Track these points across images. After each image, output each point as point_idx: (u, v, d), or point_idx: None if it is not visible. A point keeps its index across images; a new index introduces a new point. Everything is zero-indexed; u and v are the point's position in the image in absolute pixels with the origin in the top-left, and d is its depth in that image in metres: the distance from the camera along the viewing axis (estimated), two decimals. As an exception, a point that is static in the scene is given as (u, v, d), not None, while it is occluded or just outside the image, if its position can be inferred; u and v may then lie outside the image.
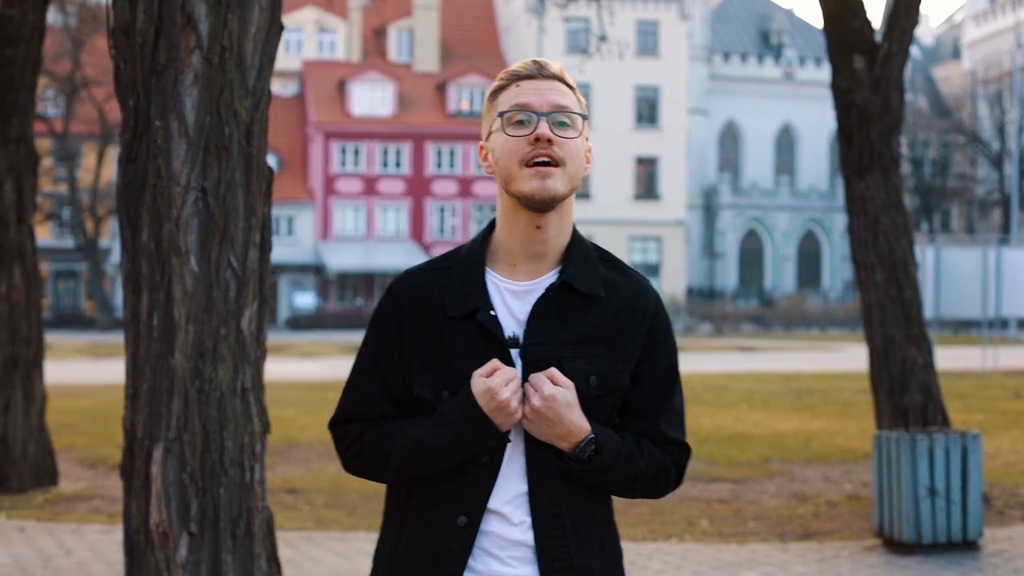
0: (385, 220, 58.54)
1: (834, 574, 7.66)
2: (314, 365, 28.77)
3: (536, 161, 2.33)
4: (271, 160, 50.67)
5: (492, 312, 2.36)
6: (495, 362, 2.31)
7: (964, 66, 75.16)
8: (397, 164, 58.46)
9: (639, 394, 2.42)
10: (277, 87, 56.68)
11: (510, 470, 2.35)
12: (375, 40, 63.27)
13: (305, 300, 56.92)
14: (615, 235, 58.27)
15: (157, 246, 4.40)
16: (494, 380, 2.29)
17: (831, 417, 16.58)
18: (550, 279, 2.39)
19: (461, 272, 2.41)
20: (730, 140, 70.91)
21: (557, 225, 2.39)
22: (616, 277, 2.43)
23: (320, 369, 27.10)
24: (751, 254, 68.68)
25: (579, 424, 2.31)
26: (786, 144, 71.40)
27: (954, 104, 70.86)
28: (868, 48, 10.01)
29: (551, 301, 2.36)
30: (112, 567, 7.67)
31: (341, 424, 2.49)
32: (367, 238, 58.27)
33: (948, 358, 27.58)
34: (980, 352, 28.23)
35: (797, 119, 70.45)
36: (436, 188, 58.84)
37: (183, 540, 4.35)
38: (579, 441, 2.32)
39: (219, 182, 4.44)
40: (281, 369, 25.23)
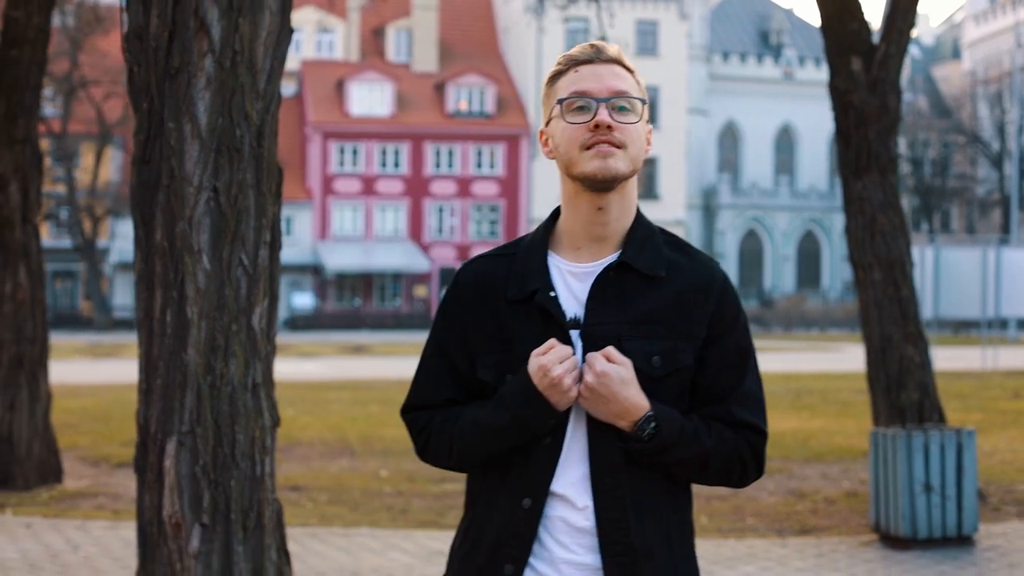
0: (383, 220, 58.48)
1: (831, 569, 7.76)
2: (313, 365, 28.85)
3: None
4: (271, 160, 50.53)
5: (552, 293, 2.35)
6: (552, 341, 2.30)
7: (964, 66, 75.15)
8: (395, 164, 58.42)
9: (708, 377, 2.38)
10: (277, 87, 56.60)
11: (572, 452, 2.33)
12: (374, 40, 63.20)
13: (303, 300, 56.68)
14: (614, 235, 58.21)
15: (170, 245, 4.51)
16: (547, 357, 2.27)
17: (830, 417, 16.67)
18: (611, 260, 2.37)
19: (524, 257, 2.41)
20: (729, 140, 70.90)
21: (619, 207, 2.39)
22: (680, 258, 2.40)
23: (319, 369, 27.18)
24: (750, 254, 68.73)
25: (636, 402, 2.29)
26: (786, 144, 71.37)
27: (954, 104, 70.82)
28: (865, 50, 10.10)
29: (611, 281, 2.35)
30: (119, 562, 7.77)
31: (411, 411, 2.49)
32: (365, 238, 58.21)
33: (948, 358, 27.63)
34: (980, 352, 28.27)
35: (797, 119, 70.41)
36: (435, 188, 58.79)
37: (195, 531, 4.45)
38: (637, 419, 2.29)
39: (231, 182, 4.55)
40: (280, 369, 25.18)
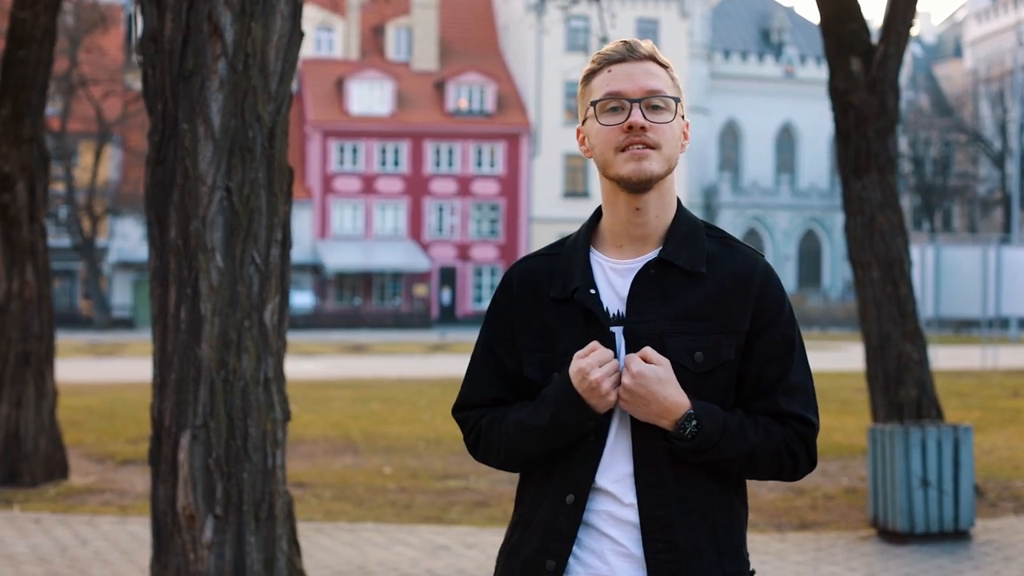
0: (383, 219, 58.44)
1: (829, 563, 7.86)
2: (313, 364, 28.92)
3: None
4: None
5: (592, 291, 2.35)
6: (594, 344, 2.30)
7: (966, 64, 75.08)
8: (395, 163, 58.40)
9: (754, 369, 2.36)
10: (278, 86, 56.57)
11: (617, 450, 2.33)
12: (373, 38, 63.16)
13: (303, 299, 56.51)
14: (615, 234, 58.26)
15: (184, 243, 4.62)
16: (587, 360, 2.27)
17: (830, 415, 16.73)
18: (652, 257, 2.37)
19: (567, 255, 2.42)
20: (730, 139, 70.88)
21: (657, 205, 2.38)
22: (721, 251, 2.39)
23: (320, 368, 27.26)
24: (751, 253, 68.63)
25: (676, 400, 2.28)
26: (786, 143, 71.36)
27: (956, 103, 70.72)
28: (865, 50, 10.20)
29: (652, 278, 2.35)
30: (127, 556, 7.87)
31: (461, 410, 2.52)
32: (365, 237, 58.16)
33: (948, 357, 27.69)
34: (980, 351, 28.30)
35: (798, 118, 70.37)
36: (434, 187, 58.78)
37: (209, 522, 4.57)
38: (678, 418, 2.28)
39: (243, 182, 4.66)
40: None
